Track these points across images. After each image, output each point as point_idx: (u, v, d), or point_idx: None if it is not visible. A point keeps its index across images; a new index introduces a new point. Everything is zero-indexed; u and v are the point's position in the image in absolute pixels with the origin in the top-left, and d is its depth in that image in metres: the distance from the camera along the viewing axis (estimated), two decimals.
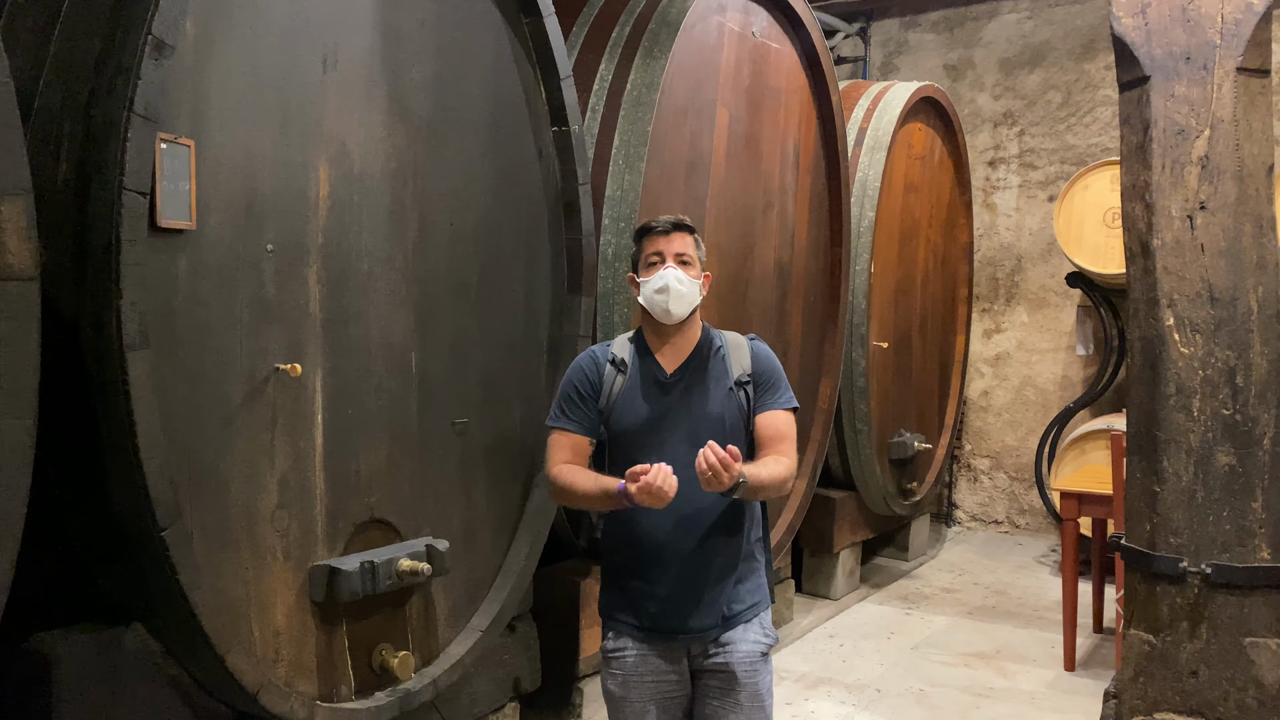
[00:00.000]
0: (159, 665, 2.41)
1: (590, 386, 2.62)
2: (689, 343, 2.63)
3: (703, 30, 4.08)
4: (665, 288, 2.54)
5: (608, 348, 2.68)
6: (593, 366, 2.64)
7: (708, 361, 2.62)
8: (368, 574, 2.70)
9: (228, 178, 2.40)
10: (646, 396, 2.58)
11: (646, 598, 2.54)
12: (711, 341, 2.65)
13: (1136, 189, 2.75)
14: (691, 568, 2.53)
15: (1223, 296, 2.62)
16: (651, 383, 2.60)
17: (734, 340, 2.68)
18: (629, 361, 2.63)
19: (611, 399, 2.60)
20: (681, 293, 2.55)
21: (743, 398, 2.60)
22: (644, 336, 2.66)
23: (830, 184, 5.14)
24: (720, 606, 2.55)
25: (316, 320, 2.64)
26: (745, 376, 2.62)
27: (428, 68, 2.93)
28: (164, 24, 2.16)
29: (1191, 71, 2.66)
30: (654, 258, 2.59)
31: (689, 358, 2.61)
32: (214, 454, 2.41)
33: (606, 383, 2.61)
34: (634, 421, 2.56)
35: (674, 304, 2.54)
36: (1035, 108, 7.25)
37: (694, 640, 2.55)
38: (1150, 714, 2.66)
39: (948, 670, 4.64)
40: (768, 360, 2.67)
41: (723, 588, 2.56)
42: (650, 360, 2.62)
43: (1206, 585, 2.58)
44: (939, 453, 6.60)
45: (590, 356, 2.67)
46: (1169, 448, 2.65)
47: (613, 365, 2.62)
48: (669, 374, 2.60)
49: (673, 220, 2.64)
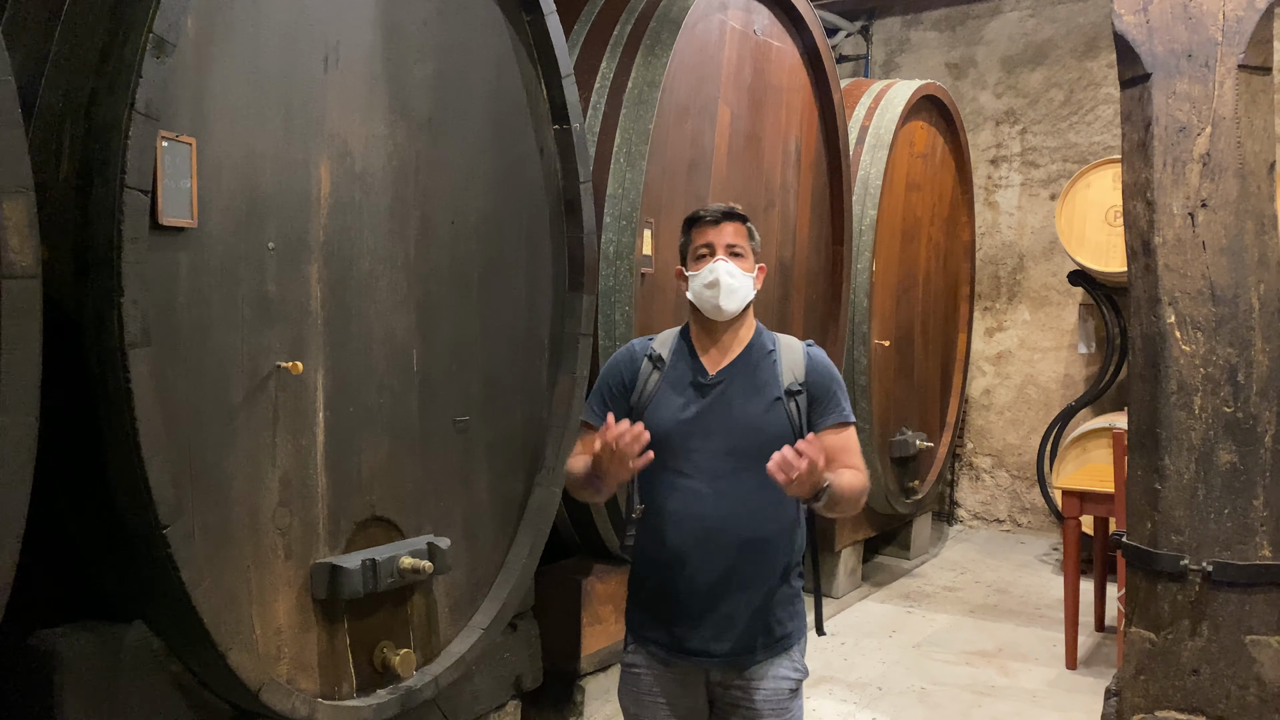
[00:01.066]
0: (161, 662, 2.41)
1: (622, 382, 2.45)
2: (738, 343, 2.43)
3: (704, 28, 4.07)
4: (715, 282, 2.35)
5: (649, 342, 2.50)
6: (629, 361, 2.47)
7: (756, 365, 2.41)
8: (369, 572, 2.70)
9: (229, 176, 2.40)
10: (681, 398, 2.38)
11: (669, 616, 2.36)
12: (764, 344, 2.44)
13: (1138, 187, 2.75)
14: (720, 588, 2.33)
15: (1224, 294, 2.62)
16: (688, 384, 2.40)
17: (788, 344, 2.47)
18: (668, 359, 2.44)
19: (643, 397, 2.41)
20: (733, 287, 2.36)
21: (793, 409, 2.37)
22: (690, 333, 2.47)
23: (832, 182, 5.14)
24: (749, 633, 2.34)
25: (318, 318, 2.64)
26: (797, 385, 2.39)
27: (429, 66, 2.93)
28: (165, 22, 2.16)
29: (1193, 69, 2.66)
30: (703, 250, 2.40)
31: (736, 359, 2.41)
32: (216, 452, 2.41)
33: (641, 379, 2.43)
34: (664, 424, 2.33)
35: (725, 299, 2.36)
36: (1037, 106, 7.24)
37: (716, 667, 2.35)
38: (1151, 711, 2.66)
39: (949, 668, 4.64)
40: (825, 370, 2.43)
41: (754, 613, 2.34)
42: (692, 359, 2.42)
43: (1208, 583, 2.58)
44: (941, 451, 6.60)
45: (629, 350, 2.50)
46: (1170, 445, 2.65)
47: (649, 361, 2.44)
48: (710, 375, 2.39)
49: (723, 208, 2.44)
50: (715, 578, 2.33)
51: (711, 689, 2.39)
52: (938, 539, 7.14)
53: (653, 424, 2.31)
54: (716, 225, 2.41)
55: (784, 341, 2.47)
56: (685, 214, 4.12)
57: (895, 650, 4.87)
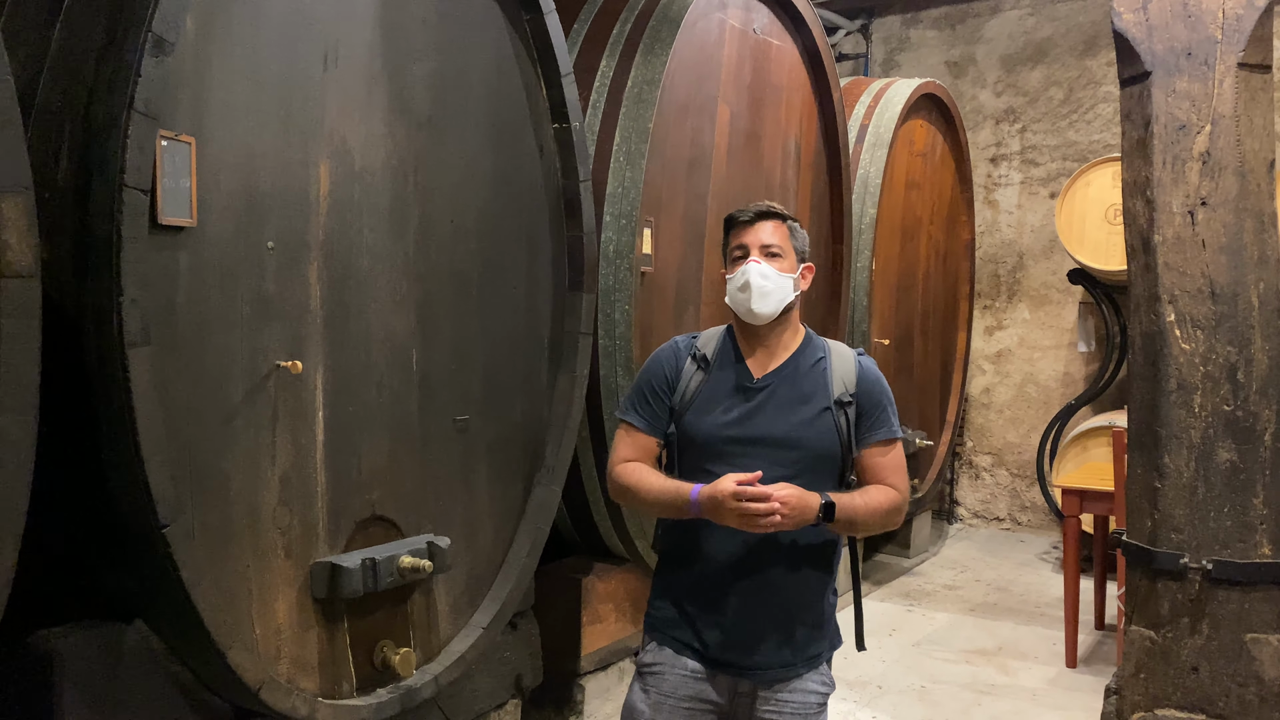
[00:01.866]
0: (161, 662, 2.41)
1: (666, 381, 2.36)
2: (784, 348, 2.36)
3: (704, 27, 4.07)
4: (746, 284, 2.28)
5: (693, 340, 2.42)
6: (672, 359, 2.39)
7: (805, 372, 2.33)
8: (369, 571, 2.70)
9: (228, 175, 2.39)
10: (726, 400, 2.30)
11: (703, 623, 2.30)
12: (814, 350, 2.37)
13: (1137, 185, 2.75)
14: (757, 600, 2.27)
15: (1224, 292, 2.62)
16: (734, 386, 2.32)
17: (839, 352, 2.39)
18: (713, 359, 2.36)
19: (687, 398, 2.33)
20: (765, 289, 2.27)
21: (842, 420, 2.31)
22: (733, 334, 2.40)
23: (832, 181, 5.14)
24: (784, 648, 2.29)
25: (317, 317, 2.64)
26: (847, 396, 2.32)
27: (428, 65, 2.93)
28: (164, 21, 2.16)
29: (1193, 67, 2.66)
30: (737, 252, 2.33)
31: (783, 364, 2.34)
32: (215, 451, 2.41)
33: (684, 378, 2.35)
34: (708, 427, 2.29)
35: (757, 302, 2.27)
36: (1037, 104, 7.24)
37: (746, 679, 2.30)
38: (1151, 710, 2.66)
39: (949, 667, 4.64)
40: (876, 382, 2.38)
41: (790, 627, 2.29)
42: (737, 361, 2.35)
43: (1207, 581, 2.58)
44: (940, 450, 6.60)
45: (672, 347, 2.42)
46: (1170, 444, 2.65)
47: (694, 360, 2.36)
48: (756, 380, 2.32)
49: (758, 208, 2.36)
50: (753, 589, 2.27)
51: (737, 699, 2.32)
52: (937, 537, 7.14)
53: (695, 426, 2.30)
54: (751, 226, 2.34)
55: (835, 349, 2.40)
56: (685, 213, 4.14)
57: (895, 649, 4.87)
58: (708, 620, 2.29)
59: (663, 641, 2.36)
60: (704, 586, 2.30)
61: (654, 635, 2.38)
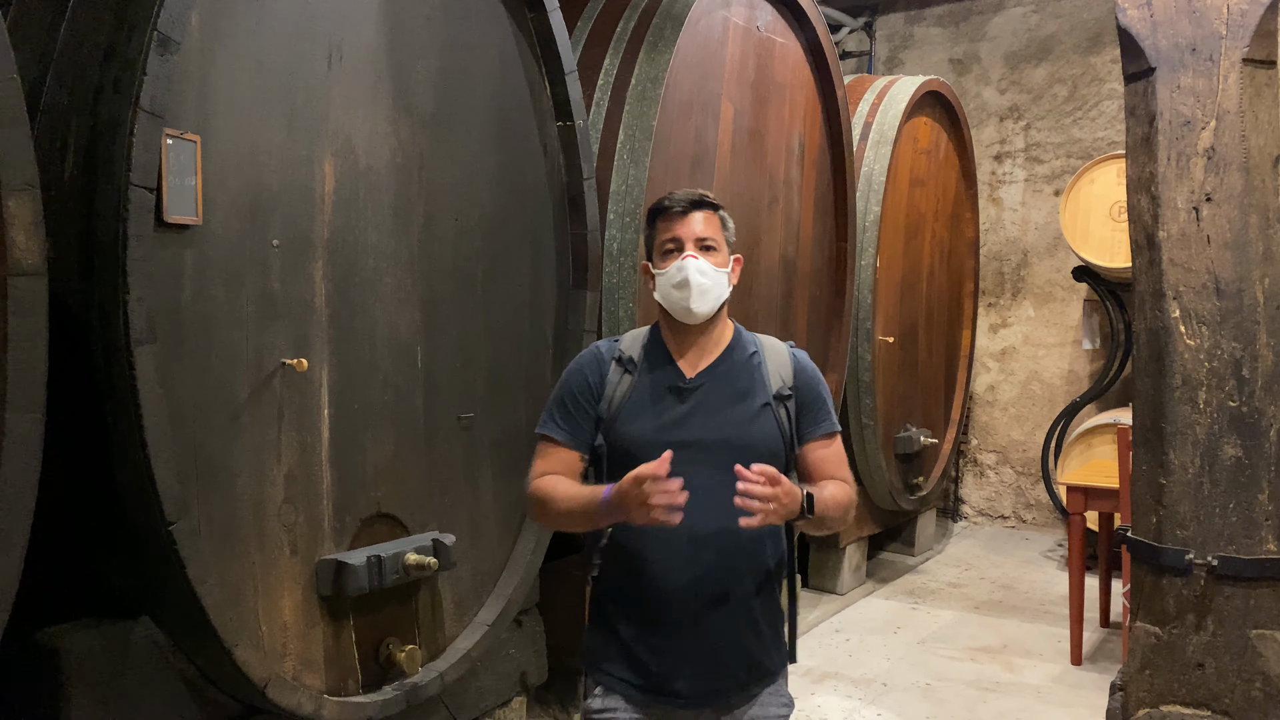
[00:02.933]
0: (167, 659, 2.41)
1: (589, 390, 2.18)
2: (716, 344, 2.20)
3: (707, 25, 4.07)
4: (685, 282, 2.10)
5: (616, 343, 2.24)
6: (595, 365, 2.20)
7: (739, 369, 2.18)
8: (374, 568, 2.71)
9: (233, 173, 2.40)
10: (658, 405, 2.14)
11: (648, 651, 2.12)
12: (745, 344, 2.22)
13: (1142, 181, 2.75)
14: (707, 620, 2.10)
15: (1229, 288, 2.61)
16: (666, 388, 2.15)
17: (771, 346, 2.25)
18: (639, 361, 2.19)
19: (615, 405, 2.16)
20: (704, 287, 2.11)
21: (783, 415, 2.16)
22: (660, 333, 2.23)
23: (835, 178, 5.14)
24: (739, 669, 2.14)
25: (323, 315, 2.65)
26: (786, 390, 2.17)
27: (432, 62, 2.94)
28: (170, 20, 2.17)
29: (1197, 63, 2.66)
30: (669, 244, 2.15)
31: (715, 362, 2.18)
32: (221, 448, 2.41)
33: (610, 385, 2.17)
34: (641, 435, 2.10)
35: (696, 301, 2.11)
36: (1041, 101, 7.23)
37: (704, 709, 2.13)
38: (1157, 706, 2.66)
39: (954, 664, 4.64)
40: (813, 375, 2.23)
41: (744, 646, 2.14)
42: (666, 361, 2.18)
43: (1213, 577, 2.58)
44: (945, 448, 6.59)
45: (594, 353, 2.24)
46: (1175, 440, 2.64)
47: (619, 364, 2.19)
48: (689, 379, 2.16)
49: (690, 197, 2.17)
50: (703, 608, 2.09)
51: None
52: (942, 535, 7.14)
53: (628, 435, 2.11)
54: (685, 216, 2.15)
55: (766, 343, 2.25)
56: None
57: (900, 646, 4.87)
58: (651, 647, 2.12)
59: (610, 686, 2.18)
60: (652, 614, 2.12)
61: (599, 678, 2.20)
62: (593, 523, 2.07)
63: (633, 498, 1.88)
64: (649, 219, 2.23)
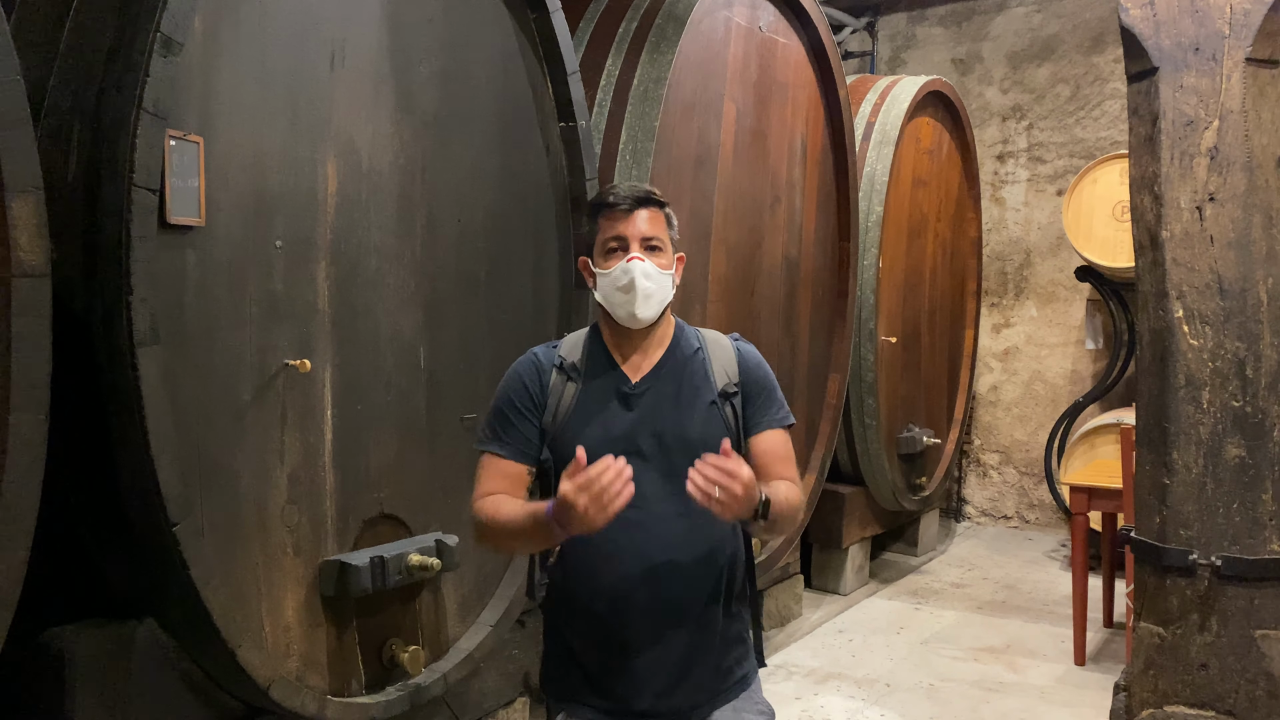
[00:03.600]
0: (171, 660, 2.42)
1: (530, 400, 2.08)
2: (658, 345, 2.12)
3: (710, 25, 4.07)
4: (630, 285, 2.01)
5: (554, 349, 2.15)
6: (533, 374, 2.11)
7: (684, 368, 2.10)
8: (377, 569, 2.71)
9: (236, 174, 2.40)
10: (604, 412, 2.05)
11: (609, 672, 2.03)
12: (688, 341, 2.14)
13: (1145, 181, 2.75)
14: (670, 631, 2.01)
15: (1232, 288, 2.61)
16: (611, 394, 2.07)
17: (714, 340, 2.16)
18: (582, 367, 2.10)
19: (559, 415, 2.07)
20: (649, 291, 2.02)
21: (729, 413, 2.09)
22: (601, 335, 2.14)
23: (838, 178, 5.14)
24: (707, 679, 2.05)
25: (325, 316, 2.65)
26: (732, 387, 2.10)
27: (435, 63, 2.94)
28: (173, 21, 2.17)
29: (1200, 62, 2.65)
30: (613, 243, 2.05)
31: (659, 362, 2.10)
32: (224, 449, 2.42)
33: (553, 395, 2.08)
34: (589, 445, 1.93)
35: (641, 306, 2.02)
36: (1044, 101, 7.23)
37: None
38: (1160, 707, 2.66)
39: (957, 665, 4.63)
40: (758, 367, 2.15)
41: (709, 655, 2.05)
42: (609, 366, 2.10)
43: (1216, 577, 2.58)
44: (948, 448, 6.59)
45: (531, 361, 2.14)
46: (1179, 440, 2.64)
47: (560, 371, 2.10)
48: (634, 383, 2.08)
49: (635, 194, 2.06)
50: (663, 620, 2.01)
51: None
52: (945, 536, 7.13)
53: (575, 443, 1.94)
54: (629, 215, 2.04)
55: (710, 337, 2.17)
56: (691, 211, 4.13)
57: (903, 647, 4.87)
58: (619, 669, 2.03)
59: (569, 709, 2.09)
60: (611, 631, 2.02)
61: (565, 706, 2.10)
62: (542, 542, 1.97)
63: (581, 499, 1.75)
64: (591, 213, 2.14)
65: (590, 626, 2.06)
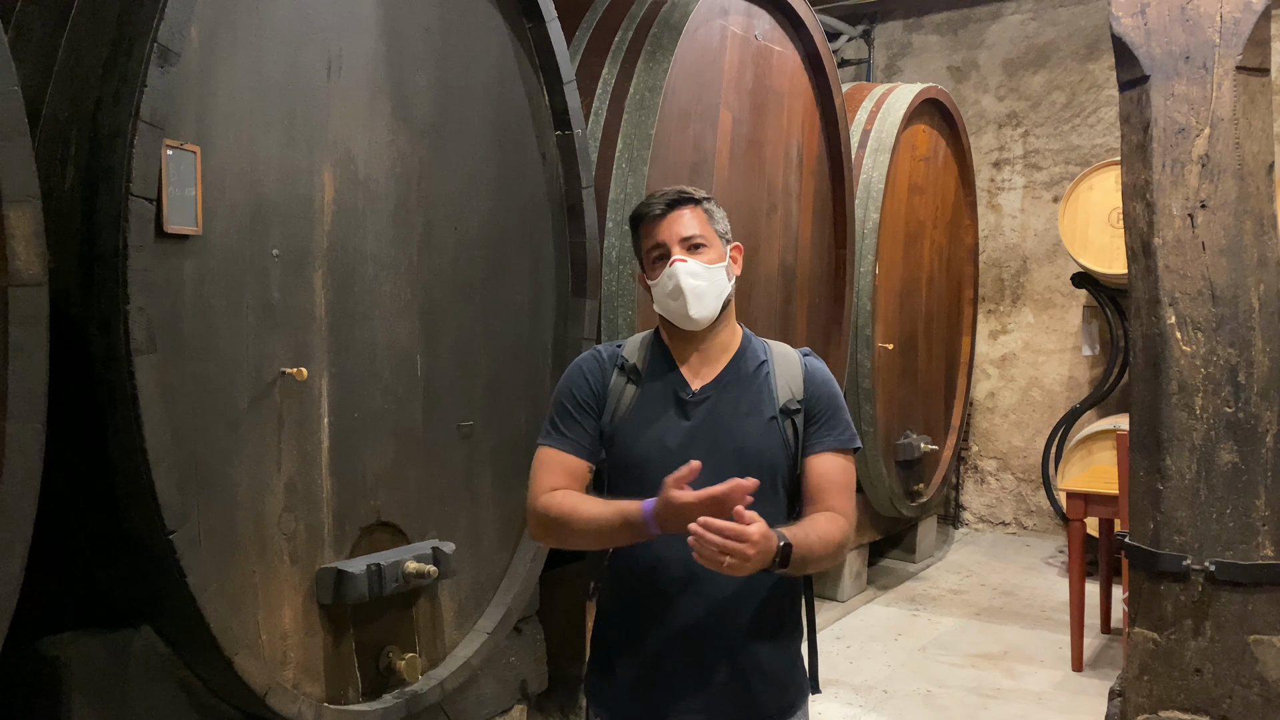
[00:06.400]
0: (167, 667, 2.42)
1: (591, 395, 2.04)
2: (723, 351, 2.06)
3: (705, 33, 4.09)
4: (678, 289, 1.97)
5: (618, 349, 2.10)
6: (596, 371, 2.07)
7: (747, 379, 2.04)
8: (374, 577, 2.71)
9: (233, 183, 2.42)
10: (661, 418, 2.00)
11: (653, 686, 1.99)
12: (754, 353, 2.08)
13: (1137, 188, 2.76)
14: (717, 648, 1.97)
15: (1224, 294, 2.62)
16: (670, 400, 2.01)
17: (782, 353, 2.09)
18: (643, 370, 2.05)
19: (617, 416, 2.02)
20: (699, 290, 1.97)
21: (789, 430, 2.01)
22: (662, 338, 2.09)
23: (834, 186, 5.15)
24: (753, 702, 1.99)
25: (322, 324, 2.66)
26: (795, 403, 2.02)
27: (431, 73, 2.95)
28: (169, 31, 2.18)
29: (1191, 70, 2.67)
30: (655, 252, 2.02)
31: (723, 371, 2.04)
32: (221, 457, 2.42)
33: (613, 394, 2.04)
34: (643, 450, 1.98)
35: (694, 307, 1.98)
36: (1039, 108, 7.25)
37: None
38: (1155, 712, 2.66)
39: (955, 671, 4.64)
40: (825, 384, 2.06)
41: (757, 676, 1.99)
42: (670, 370, 2.04)
43: (1210, 583, 2.59)
44: (945, 454, 6.60)
45: (594, 358, 2.10)
46: (1172, 446, 2.65)
47: (621, 372, 2.06)
48: (694, 391, 2.02)
49: (668, 196, 2.03)
50: (710, 636, 1.96)
51: None
52: (943, 542, 7.13)
53: (630, 448, 1.99)
54: (664, 219, 2.01)
55: (777, 350, 2.10)
56: None
57: (901, 653, 4.87)
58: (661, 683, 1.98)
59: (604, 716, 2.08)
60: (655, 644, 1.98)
61: (596, 709, 2.10)
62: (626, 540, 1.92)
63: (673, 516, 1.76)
64: (632, 226, 2.12)
65: (636, 637, 2.02)
